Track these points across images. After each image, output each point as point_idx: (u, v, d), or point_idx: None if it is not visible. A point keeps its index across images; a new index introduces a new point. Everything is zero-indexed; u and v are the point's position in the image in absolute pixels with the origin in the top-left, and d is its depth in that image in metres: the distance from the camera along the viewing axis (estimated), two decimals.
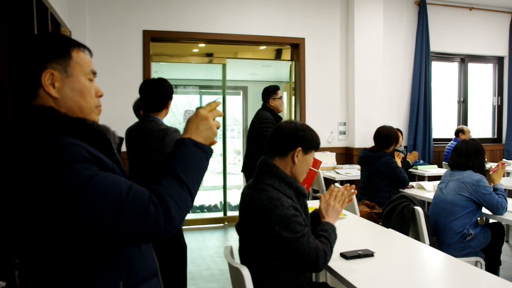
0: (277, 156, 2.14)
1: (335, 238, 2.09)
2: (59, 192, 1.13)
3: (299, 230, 1.96)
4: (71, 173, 1.14)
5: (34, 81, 1.25)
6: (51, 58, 1.26)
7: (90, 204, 1.14)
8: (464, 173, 3.36)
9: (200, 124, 1.35)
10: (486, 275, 2.07)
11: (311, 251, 1.95)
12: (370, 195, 4.35)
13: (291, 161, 2.13)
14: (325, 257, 1.98)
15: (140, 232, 1.18)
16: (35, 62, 1.26)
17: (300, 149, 2.13)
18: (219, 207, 7.29)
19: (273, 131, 2.21)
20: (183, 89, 8.54)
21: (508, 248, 5.26)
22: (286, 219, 1.96)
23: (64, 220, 1.16)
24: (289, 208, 1.98)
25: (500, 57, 7.86)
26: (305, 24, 6.43)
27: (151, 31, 5.70)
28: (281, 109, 4.81)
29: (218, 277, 4.35)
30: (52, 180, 1.13)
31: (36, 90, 1.26)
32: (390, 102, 6.89)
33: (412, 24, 7.03)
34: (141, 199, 1.18)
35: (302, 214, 2.05)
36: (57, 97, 1.27)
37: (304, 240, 1.95)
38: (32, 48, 1.28)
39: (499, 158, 7.54)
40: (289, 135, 2.13)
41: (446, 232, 3.30)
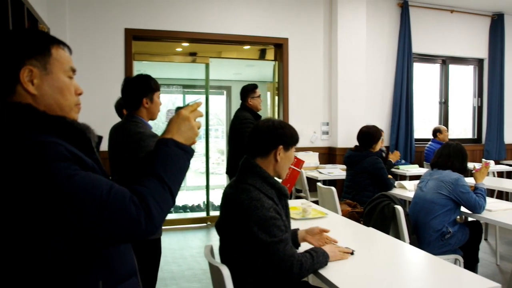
0: (259, 156, 2.13)
1: (322, 262, 2.05)
2: (38, 192, 1.11)
3: (277, 234, 1.95)
4: (51, 172, 1.12)
5: (12, 77, 1.22)
6: (30, 54, 1.24)
7: (70, 204, 1.12)
8: (443, 172, 3.41)
9: (181, 125, 1.35)
10: (465, 273, 2.09)
11: (286, 259, 1.94)
12: (354, 193, 4.37)
13: (273, 160, 2.12)
14: (300, 268, 1.95)
15: (121, 232, 1.18)
16: (13, 58, 1.23)
17: (281, 147, 2.12)
18: (202, 207, 7.27)
19: (251, 131, 2.18)
20: (166, 89, 8.50)
21: (486, 246, 5.34)
22: (265, 221, 1.94)
23: (43, 220, 1.14)
24: (269, 209, 1.97)
25: (480, 59, 7.97)
26: (288, 24, 6.45)
27: (133, 30, 5.65)
28: (260, 107, 4.79)
29: (200, 277, 4.34)
30: (31, 179, 1.11)
31: (13, 86, 1.23)
32: (373, 103, 6.95)
33: (395, 25, 7.09)
34: (122, 199, 1.17)
35: (282, 217, 2.04)
36: (36, 94, 1.24)
37: (281, 246, 1.94)
38: (10, 44, 1.25)
39: (479, 158, 7.65)
40: (268, 134, 2.11)
41: (426, 230, 3.33)
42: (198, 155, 9.57)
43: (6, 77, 1.23)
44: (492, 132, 7.77)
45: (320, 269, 2.04)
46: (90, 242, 1.20)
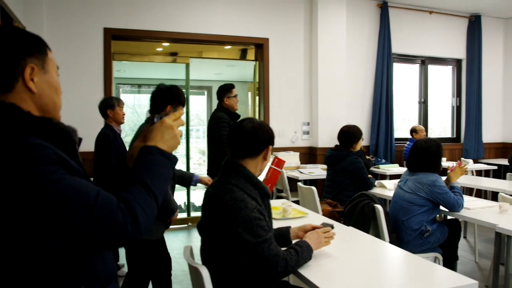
0: (247, 157, 2.12)
1: (307, 257, 2.07)
2: (25, 194, 1.09)
3: (261, 234, 1.94)
4: (38, 175, 1.10)
5: (13, 74, 1.20)
6: (31, 52, 1.23)
7: (57, 208, 1.11)
8: (420, 173, 3.42)
9: (165, 133, 1.35)
10: (444, 270, 2.10)
11: (271, 258, 1.93)
12: (334, 193, 4.38)
13: (262, 159, 2.15)
14: (285, 266, 1.95)
15: (107, 237, 1.17)
16: (15, 55, 1.21)
17: (271, 147, 2.18)
18: (182, 207, 7.21)
19: (234, 132, 2.17)
20: (146, 89, 8.42)
21: (465, 244, 5.40)
22: (249, 222, 1.94)
23: (28, 223, 1.12)
24: (253, 210, 1.96)
25: (459, 60, 8.08)
26: (269, 24, 6.44)
27: (112, 29, 5.58)
28: (236, 107, 4.79)
29: (181, 278, 4.29)
30: (18, 181, 1.09)
31: (12, 84, 1.21)
32: (353, 103, 6.98)
33: (375, 26, 7.14)
34: (109, 206, 1.16)
35: (266, 218, 2.04)
36: (36, 92, 1.24)
37: (265, 246, 1.93)
38: (12, 40, 1.22)
39: (458, 157, 7.75)
40: (258, 134, 2.12)
41: (404, 229, 3.35)
42: (179, 155, 9.51)
43: (7, 73, 1.21)
44: (471, 131, 7.88)
45: (305, 263, 2.06)
46: (75, 246, 1.20)
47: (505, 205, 3.39)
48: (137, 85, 8.58)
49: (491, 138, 8.26)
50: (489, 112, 8.16)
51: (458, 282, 1.90)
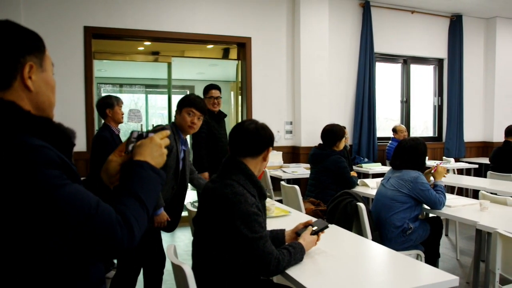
0: (248, 156, 2.18)
1: (299, 258, 2.10)
2: (26, 198, 1.07)
3: (258, 230, 1.98)
4: (42, 179, 1.08)
5: (12, 72, 1.18)
6: (31, 50, 1.22)
7: (57, 215, 1.09)
8: (403, 171, 3.44)
9: (154, 150, 1.38)
10: (426, 267, 2.12)
11: (264, 256, 1.96)
12: (317, 192, 4.38)
13: (261, 160, 2.22)
14: (277, 265, 1.98)
15: (103, 248, 1.17)
16: (16, 52, 1.19)
17: (271, 148, 2.25)
18: None
19: (237, 132, 2.23)
20: (128, 88, 8.33)
21: (447, 241, 5.45)
22: (248, 216, 1.97)
23: (25, 228, 1.10)
24: (252, 205, 2.00)
25: (440, 59, 8.16)
26: (251, 23, 6.42)
27: (93, 28, 5.49)
28: (212, 108, 4.84)
29: (164, 278, 4.20)
30: (20, 184, 1.07)
31: (10, 81, 1.19)
32: (336, 102, 7.00)
33: (357, 25, 7.16)
34: (108, 217, 1.16)
35: (262, 215, 2.07)
36: (33, 91, 1.22)
37: (260, 243, 1.96)
38: (11, 37, 1.20)
39: (440, 156, 7.83)
40: (260, 136, 2.19)
41: (387, 227, 3.36)
42: None
43: (6, 70, 1.18)
44: (452, 131, 7.96)
45: (297, 264, 2.08)
46: (71, 255, 1.19)
47: (485, 202, 3.43)
48: (119, 85, 8.49)
49: (472, 137, 8.36)
50: (470, 112, 8.25)
51: (439, 278, 1.92)
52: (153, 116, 9.11)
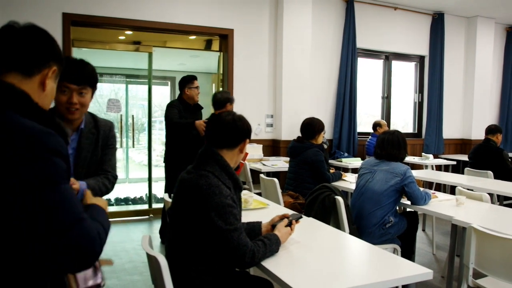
0: (225, 148, 2.16)
1: (274, 250, 2.10)
2: (30, 179, 1.09)
3: (233, 222, 1.96)
4: (52, 164, 1.12)
5: (42, 64, 1.30)
6: (59, 60, 1.36)
7: (56, 204, 1.12)
8: (392, 163, 3.44)
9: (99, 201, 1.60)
10: (402, 260, 2.13)
11: (239, 247, 1.95)
12: (295, 185, 4.38)
13: (238, 151, 2.20)
14: (252, 257, 1.97)
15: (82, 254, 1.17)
16: (51, 53, 1.33)
17: (247, 140, 2.23)
18: (144, 199, 7.10)
19: (214, 123, 2.21)
20: (108, 78, 8.20)
21: (424, 236, 5.51)
22: (222, 208, 1.96)
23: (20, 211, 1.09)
24: (227, 197, 1.99)
25: (422, 56, 8.22)
26: (234, 15, 6.37)
27: (72, 14, 5.37)
28: (197, 98, 4.87)
29: (141, 270, 4.22)
30: (29, 164, 1.09)
31: (34, 71, 1.29)
32: (317, 96, 7.00)
33: (340, 20, 7.17)
34: (92, 224, 1.21)
35: (237, 207, 2.06)
36: (44, 91, 1.33)
37: (235, 235, 1.95)
38: (53, 43, 1.36)
39: (419, 152, 7.91)
40: (237, 127, 2.17)
41: (370, 219, 3.37)
42: (141, 147, 9.35)
43: (39, 61, 1.30)
44: (432, 127, 8.05)
45: (272, 255, 2.08)
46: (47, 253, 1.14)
47: (461, 198, 3.46)
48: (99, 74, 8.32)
49: (451, 134, 8.46)
50: (449, 109, 8.35)
51: (414, 271, 1.93)
52: (134, 107, 9.00)
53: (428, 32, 8.08)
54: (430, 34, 8.09)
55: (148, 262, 2.08)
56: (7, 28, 1.33)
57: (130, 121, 7.10)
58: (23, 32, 1.32)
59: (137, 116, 9.13)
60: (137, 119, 9.10)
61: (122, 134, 7.19)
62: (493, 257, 2.49)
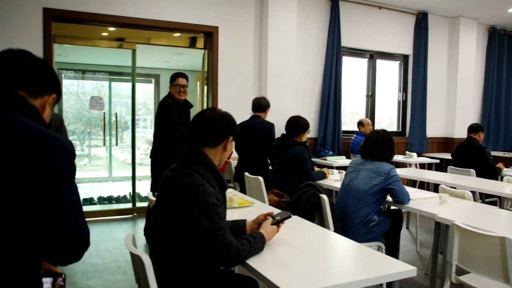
0: (208, 146, 2.13)
1: (259, 248, 2.08)
2: (59, 175, 1.30)
3: (217, 221, 1.94)
4: (70, 164, 1.34)
5: (45, 91, 1.49)
6: (58, 91, 1.55)
7: (70, 199, 1.33)
8: (376, 163, 3.45)
9: None
10: (386, 258, 2.14)
11: (224, 246, 1.93)
12: (280, 183, 4.37)
13: (222, 149, 2.16)
14: (237, 255, 1.95)
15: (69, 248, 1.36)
16: (54, 83, 1.53)
17: (231, 138, 2.18)
18: (128, 198, 7.03)
19: (197, 120, 2.18)
20: (91, 75, 8.10)
21: (407, 234, 5.56)
22: (207, 206, 1.94)
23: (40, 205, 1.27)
24: (211, 196, 1.97)
25: (406, 55, 8.28)
26: (219, 13, 6.33)
27: (53, 10, 5.27)
28: (178, 96, 4.82)
29: (124, 269, 4.18)
30: (52, 164, 1.29)
31: (38, 95, 1.47)
32: (302, 94, 7.01)
33: (325, 18, 7.18)
34: (86, 223, 1.40)
35: (222, 206, 2.04)
36: (43, 114, 1.48)
37: (220, 234, 1.93)
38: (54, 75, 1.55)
39: (403, 150, 7.97)
40: (219, 125, 2.14)
41: (354, 218, 3.38)
42: (124, 145, 9.27)
43: (43, 86, 1.49)
44: (415, 126, 8.11)
45: (257, 254, 2.07)
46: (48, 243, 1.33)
47: (444, 196, 3.48)
48: (81, 71, 8.26)
49: (434, 132, 8.54)
50: (433, 108, 8.43)
51: (398, 269, 1.95)
52: (117, 104, 8.92)
53: (412, 32, 8.14)
54: (414, 33, 8.15)
55: (132, 261, 2.06)
56: (22, 53, 1.51)
57: (114, 119, 7.03)
58: (37, 60, 1.51)
59: (121, 114, 9.06)
60: (121, 117, 9.03)
61: (106, 132, 7.12)
62: (475, 254, 2.51)
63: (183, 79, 4.85)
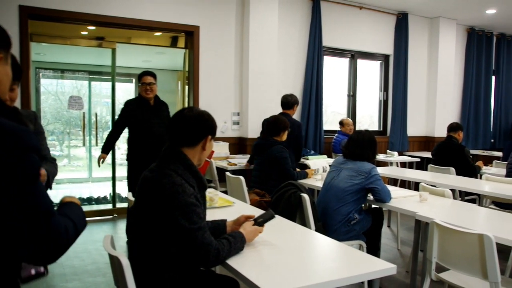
0: (186, 146, 2.09)
1: (239, 248, 2.07)
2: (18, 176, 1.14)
3: (196, 221, 1.93)
4: (33, 161, 1.18)
5: None
6: (2, 44, 1.33)
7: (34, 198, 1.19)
8: (357, 162, 3.47)
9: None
10: (366, 256, 2.15)
11: (203, 247, 1.92)
12: (261, 182, 4.36)
13: (200, 149, 2.13)
14: (217, 255, 1.94)
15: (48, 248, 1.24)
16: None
17: (210, 137, 2.15)
18: (108, 198, 6.94)
19: (175, 120, 2.14)
20: (70, 74, 7.98)
21: (389, 232, 5.59)
22: (186, 207, 1.92)
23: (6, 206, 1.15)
24: (190, 196, 1.95)
25: (387, 55, 8.34)
26: (200, 12, 6.30)
27: (29, 7, 5.17)
28: (144, 94, 4.80)
29: (104, 271, 4.13)
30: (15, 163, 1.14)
31: None
32: (284, 94, 6.98)
33: (306, 18, 7.19)
34: (62, 223, 1.28)
35: (201, 206, 2.03)
36: None
37: (199, 234, 1.92)
38: None
39: (385, 149, 8.02)
40: (197, 124, 2.11)
41: (334, 217, 3.39)
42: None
43: None
44: (396, 125, 8.18)
45: (237, 254, 2.06)
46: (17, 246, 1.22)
47: (424, 194, 3.51)
48: (60, 70, 8.14)
49: (415, 131, 8.62)
50: (413, 107, 8.50)
51: (378, 267, 1.95)
52: (97, 104, 8.81)
53: (392, 32, 8.21)
54: (394, 33, 8.21)
55: (110, 263, 2.03)
56: None
57: (94, 119, 6.94)
58: None
59: (101, 114, 8.95)
60: (101, 117, 8.92)
61: (85, 132, 7.03)
62: (455, 251, 2.53)
63: (149, 77, 4.78)
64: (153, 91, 4.81)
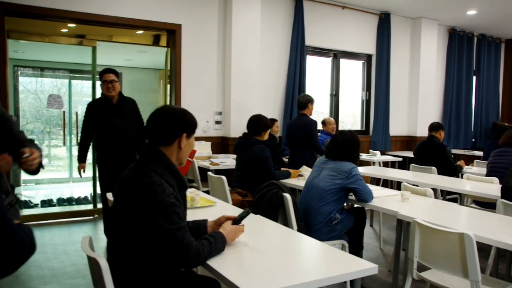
0: (162, 145, 2.05)
1: (220, 248, 2.04)
2: None
3: (176, 221, 1.90)
4: None
5: None
6: None
7: None
8: (338, 162, 3.46)
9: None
10: (348, 256, 2.15)
11: (183, 247, 1.89)
12: (243, 182, 4.33)
13: (177, 148, 2.09)
14: (197, 256, 1.91)
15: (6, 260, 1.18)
16: None
17: (185, 135, 2.09)
18: (89, 199, 6.85)
19: (151, 118, 2.10)
20: (50, 73, 7.85)
21: (371, 232, 5.61)
22: (165, 207, 1.89)
23: None
24: (170, 196, 1.92)
25: (369, 55, 8.39)
26: (182, 10, 6.25)
27: (5, 3, 5.07)
28: (106, 92, 4.70)
29: (84, 273, 4.05)
30: None
31: None
32: (266, 93, 7.00)
33: (289, 17, 7.18)
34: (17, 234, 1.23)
35: (181, 206, 2.00)
36: None
37: (179, 234, 1.89)
38: None
39: (367, 149, 8.06)
40: (171, 122, 2.06)
41: (316, 217, 3.37)
42: None
43: None
44: (379, 124, 8.23)
45: (218, 254, 2.03)
46: None
47: (406, 193, 3.52)
48: (40, 68, 8.01)
49: (397, 131, 8.69)
50: (396, 107, 8.57)
51: (360, 266, 1.95)
52: (78, 103, 8.69)
53: (375, 32, 8.25)
54: (377, 33, 8.26)
55: (89, 264, 1.99)
56: None
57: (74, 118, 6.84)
58: None
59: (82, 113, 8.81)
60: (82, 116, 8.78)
61: (66, 131, 6.92)
62: (436, 250, 2.53)
63: (111, 74, 4.67)
64: (115, 88, 4.69)
